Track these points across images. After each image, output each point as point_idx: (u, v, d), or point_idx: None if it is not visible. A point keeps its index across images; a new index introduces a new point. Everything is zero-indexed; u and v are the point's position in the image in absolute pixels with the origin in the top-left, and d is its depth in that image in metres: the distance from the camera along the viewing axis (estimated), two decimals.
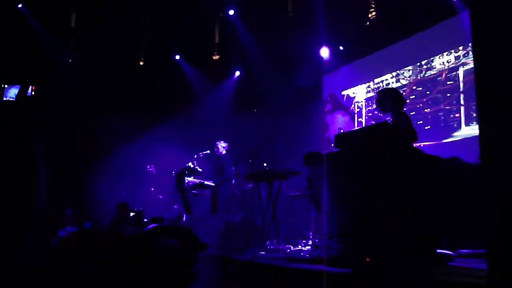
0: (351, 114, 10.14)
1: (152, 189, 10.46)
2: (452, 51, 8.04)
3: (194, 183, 8.41)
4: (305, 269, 3.47)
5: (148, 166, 10.92)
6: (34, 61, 9.95)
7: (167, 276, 3.59)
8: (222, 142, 8.60)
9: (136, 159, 11.06)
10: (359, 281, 3.01)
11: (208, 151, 8.59)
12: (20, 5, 10.28)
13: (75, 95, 10.50)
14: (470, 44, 6.48)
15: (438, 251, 3.68)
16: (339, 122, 10.23)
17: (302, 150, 5.62)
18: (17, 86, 9.39)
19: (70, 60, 10.93)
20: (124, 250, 3.61)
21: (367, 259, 3.30)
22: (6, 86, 9.39)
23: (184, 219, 5.74)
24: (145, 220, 6.63)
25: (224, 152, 8.49)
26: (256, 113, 10.27)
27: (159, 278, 3.54)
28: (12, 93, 9.32)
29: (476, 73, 2.39)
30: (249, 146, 7.56)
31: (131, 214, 6.48)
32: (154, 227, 4.54)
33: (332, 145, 4.21)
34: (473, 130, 7.35)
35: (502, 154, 2.25)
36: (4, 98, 9.32)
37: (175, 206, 5.86)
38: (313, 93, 11.00)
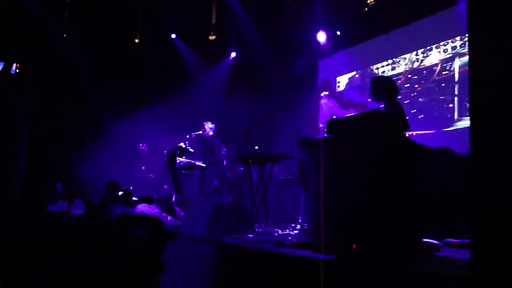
0: (343, 101, 10.11)
1: (143, 167, 10.43)
2: (449, 41, 8.01)
3: (185, 164, 8.37)
4: (291, 255, 3.48)
5: (141, 144, 10.87)
6: (24, 37, 9.76)
7: (134, 267, 3.57)
8: (209, 123, 8.45)
9: (129, 136, 11.01)
10: (344, 268, 3.03)
11: (200, 132, 8.49)
12: None
13: (69, 71, 10.40)
14: (467, 35, 6.45)
15: (424, 240, 3.70)
16: (331, 108, 10.22)
17: (295, 134, 5.59)
18: (1, 63, 9.23)
19: (64, 35, 10.80)
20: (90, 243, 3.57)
21: (353, 246, 3.32)
22: None
23: (173, 200, 5.72)
24: (134, 198, 6.62)
25: (211, 133, 8.38)
26: (250, 96, 10.22)
27: (126, 270, 3.51)
28: None
29: (470, 65, 2.38)
30: (242, 128, 7.51)
31: (120, 193, 6.46)
32: (118, 216, 4.50)
33: (325, 130, 4.20)
34: (465, 121, 7.37)
35: (492, 146, 2.26)
36: None
37: (165, 186, 5.82)
38: (308, 77, 10.95)
